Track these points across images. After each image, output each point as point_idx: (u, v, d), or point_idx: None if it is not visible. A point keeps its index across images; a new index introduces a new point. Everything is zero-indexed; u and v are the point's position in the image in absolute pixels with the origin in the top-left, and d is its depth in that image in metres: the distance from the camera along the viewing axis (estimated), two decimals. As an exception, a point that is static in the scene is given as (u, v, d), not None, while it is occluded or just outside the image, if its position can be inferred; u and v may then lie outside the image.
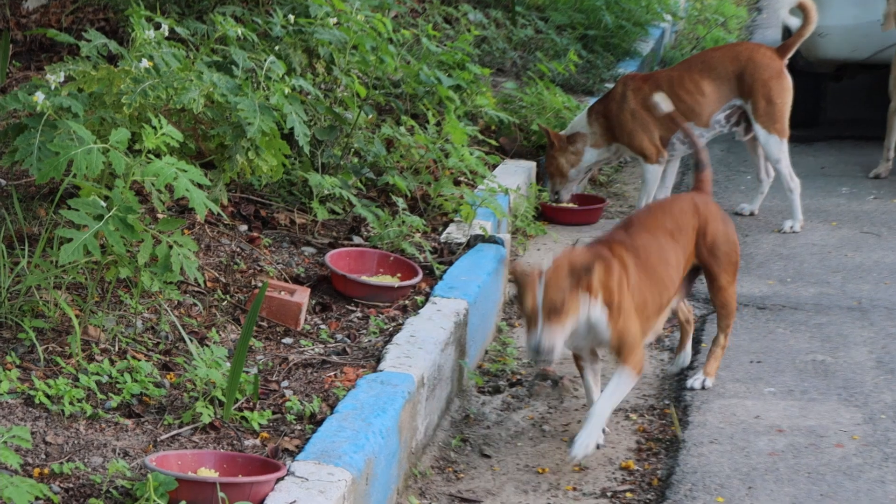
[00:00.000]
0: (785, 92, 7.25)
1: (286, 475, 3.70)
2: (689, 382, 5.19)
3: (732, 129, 7.35)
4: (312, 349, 4.74)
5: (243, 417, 4.11)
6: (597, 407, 4.50)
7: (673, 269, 4.81)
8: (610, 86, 8.69)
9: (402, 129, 6.65)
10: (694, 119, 7.13)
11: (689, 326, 5.35)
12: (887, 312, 6.09)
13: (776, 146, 7.19)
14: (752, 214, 7.64)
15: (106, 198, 4.21)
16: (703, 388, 5.15)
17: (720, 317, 5.17)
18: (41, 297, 4.37)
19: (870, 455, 4.61)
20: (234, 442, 3.97)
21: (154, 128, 4.29)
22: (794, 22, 7.44)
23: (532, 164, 7.62)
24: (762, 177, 7.57)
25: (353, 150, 6.38)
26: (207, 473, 3.62)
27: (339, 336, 4.90)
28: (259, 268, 5.27)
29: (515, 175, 7.22)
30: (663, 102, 4.17)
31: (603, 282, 4.43)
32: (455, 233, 6.05)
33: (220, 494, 3.45)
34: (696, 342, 5.75)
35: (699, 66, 7.28)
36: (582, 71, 9.86)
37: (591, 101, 8.09)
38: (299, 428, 4.13)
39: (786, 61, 7.28)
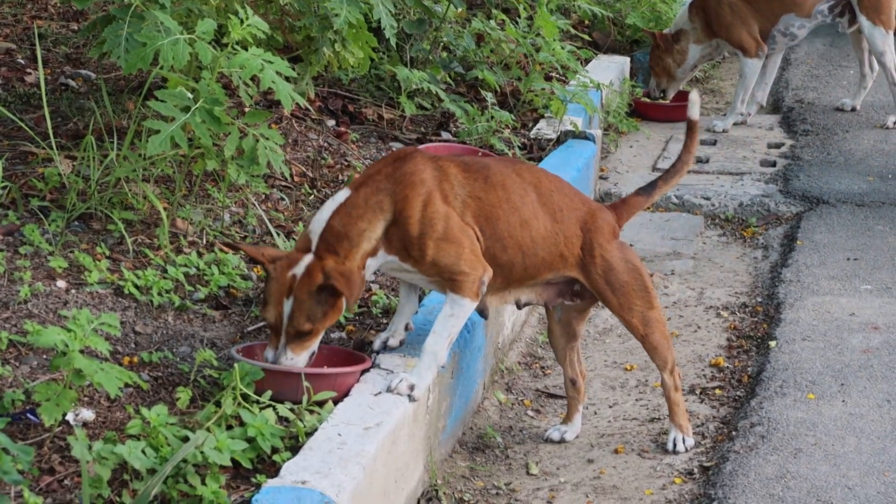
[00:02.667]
0: None
1: (371, 367, 3.69)
2: (668, 444, 4.02)
3: (836, 20, 7.13)
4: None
5: (330, 310, 4.10)
6: (428, 343, 3.64)
7: (536, 231, 3.75)
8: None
9: (493, 22, 6.55)
10: (795, 9, 6.91)
11: (577, 393, 4.10)
12: None
13: (881, 38, 6.97)
14: (853, 110, 7.44)
15: (193, 90, 4.19)
16: (679, 450, 3.99)
17: (650, 356, 3.99)
18: (130, 190, 4.38)
19: (968, 354, 4.50)
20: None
21: (241, 19, 4.25)
22: None
23: (626, 60, 7.49)
24: (865, 71, 7.36)
25: (442, 44, 6.30)
26: (293, 364, 3.62)
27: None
28: (346, 163, 5.24)
29: (608, 70, 7.09)
30: (696, 104, 3.95)
31: (399, 212, 3.57)
32: (545, 129, 5.97)
33: (305, 384, 3.46)
34: (792, 239, 5.64)
35: None
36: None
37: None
38: (385, 321, 4.12)
39: None
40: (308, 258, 3.52)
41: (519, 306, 3.91)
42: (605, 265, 3.80)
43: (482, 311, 3.81)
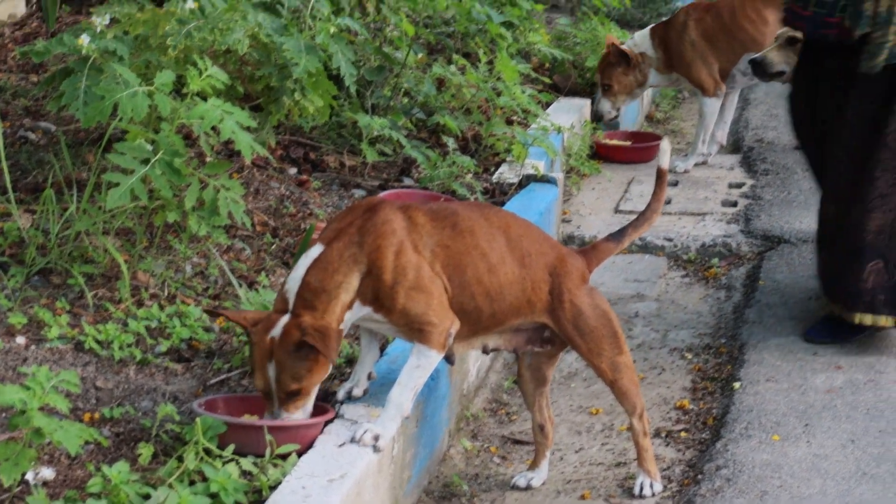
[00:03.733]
0: None
1: (335, 417, 3.67)
2: (635, 488, 4.00)
3: None
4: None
5: (293, 361, 4.08)
6: (393, 394, 3.60)
7: (505, 276, 3.73)
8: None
9: (453, 68, 6.57)
10: (756, 49, 6.95)
11: (545, 439, 4.07)
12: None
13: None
14: None
15: (153, 142, 4.18)
16: (646, 494, 3.97)
17: (620, 402, 3.97)
18: (90, 243, 4.36)
19: (930, 392, 4.52)
20: (284, 385, 3.95)
21: (199, 70, 4.26)
22: None
23: (586, 102, 7.52)
24: None
25: (402, 90, 6.32)
26: (255, 417, 3.61)
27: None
28: (309, 211, 5.23)
29: (569, 113, 7.13)
30: (666, 153, 3.97)
31: (372, 263, 3.54)
32: (507, 173, 5.98)
33: (268, 437, 3.43)
34: (754, 280, 5.67)
35: None
36: (638, 5, 9.72)
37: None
38: (349, 371, 4.11)
39: None
40: (285, 318, 3.50)
41: (486, 351, 3.90)
42: (574, 311, 3.79)
43: (448, 358, 3.80)
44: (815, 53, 4.83)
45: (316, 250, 3.57)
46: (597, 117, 7.30)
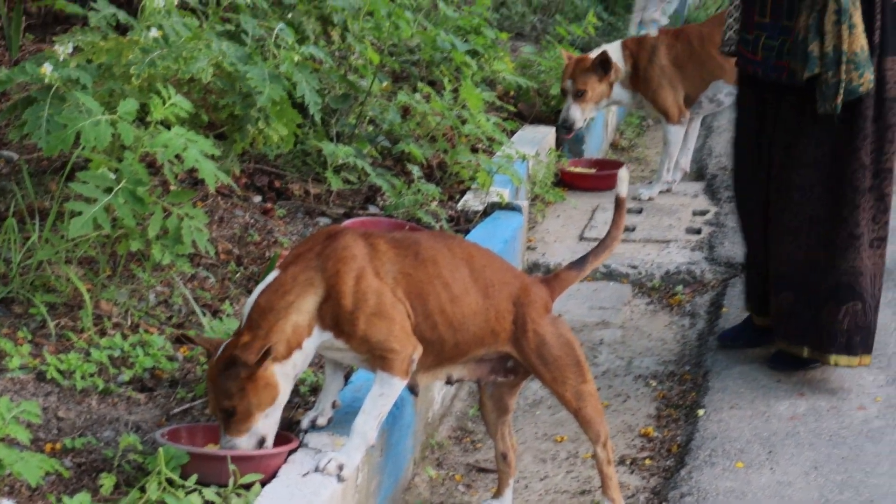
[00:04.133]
0: None
1: (299, 447, 3.66)
2: None
3: None
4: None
5: (257, 389, 4.07)
6: (357, 423, 3.59)
7: (470, 307, 3.73)
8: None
9: (418, 96, 6.59)
10: (724, 76, 6.97)
11: (507, 467, 4.04)
12: (912, 273, 6.02)
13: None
14: None
15: (116, 170, 4.17)
16: None
17: (584, 430, 3.93)
18: (52, 272, 4.34)
19: (892, 417, 4.54)
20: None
21: (163, 98, 4.25)
22: None
23: (551, 130, 7.55)
24: None
25: (367, 118, 6.32)
26: (218, 447, 3.59)
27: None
28: (273, 239, 5.23)
29: (534, 141, 7.15)
30: (624, 182, 4.01)
31: (331, 288, 3.54)
32: (472, 200, 5.99)
33: (231, 467, 3.42)
34: (718, 307, 5.69)
35: None
36: (602, 34, 9.76)
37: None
38: (313, 399, 4.10)
39: None
40: (230, 339, 3.51)
41: (450, 382, 3.90)
42: (537, 340, 3.80)
43: (412, 388, 3.79)
44: (766, 95, 4.81)
45: (272, 275, 3.58)
46: (566, 126, 7.03)
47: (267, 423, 3.55)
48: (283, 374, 3.54)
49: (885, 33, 4.55)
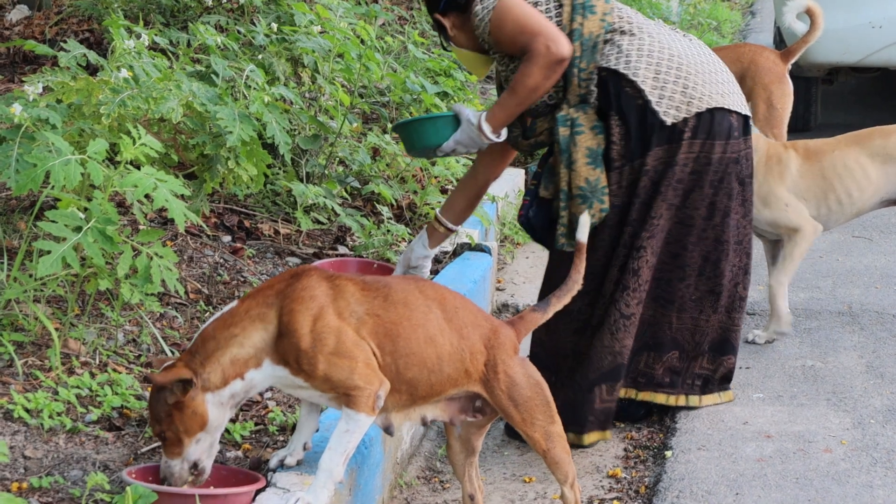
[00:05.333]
0: (786, 97, 7.16)
1: (267, 486, 3.65)
2: None
3: None
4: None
5: (225, 429, 4.07)
6: (323, 459, 3.59)
7: (441, 347, 3.75)
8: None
9: (388, 137, 6.62)
10: None
11: None
12: (877, 317, 6.06)
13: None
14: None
15: (85, 209, 4.17)
16: None
17: (552, 471, 3.97)
18: (20, 311, 4.33)
19: (858, 460, 4.57)
20: (216, 454, 3.92)
21: (133, 138, 4.26)
22: (800, 27, 7.26)
23: (520, 172, 7.58)
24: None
25: (337, 159, 6.35)
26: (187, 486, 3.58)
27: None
28: (243, 279, 5.23)
29: (503, 183, 7.18)
30: (585, 226, 4.08)
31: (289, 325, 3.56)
32: (441, 241, 6.00)
33: (199, 507, 3.41)
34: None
35: None
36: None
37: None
38: (282, 439, 4.09)
39: (789, 66, 7.21)
40: (170, 362, 3.57)
41: (425, 424, 3.91)
42: (508, 381, 3.81)
43: (387, 429, 3.79)
44: None
45: (229, 306, 3.63)
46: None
47: (199, 448, 3.56)
48: (217, 403, 3.56)
49: (628, 143, 4.62)
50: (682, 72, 4.63)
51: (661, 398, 4.93)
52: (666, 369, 4.90)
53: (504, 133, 4.69)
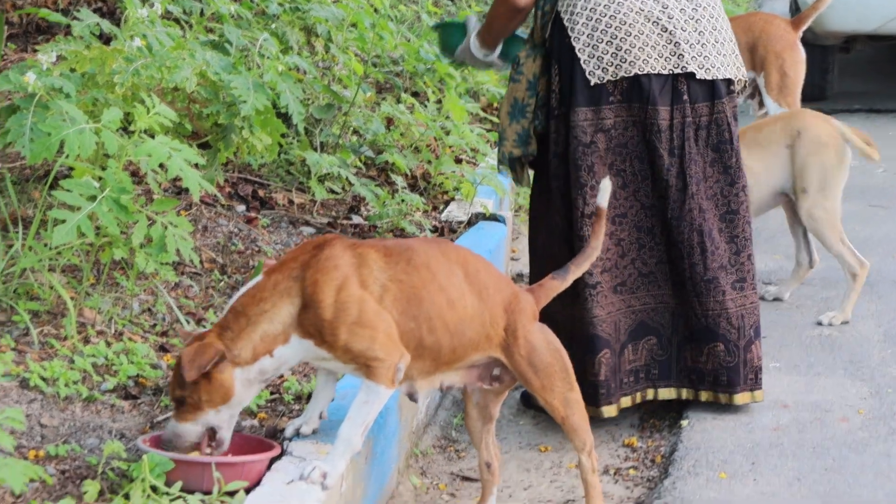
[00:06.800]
0: (798, 65, 7.11)
1: (283, 454, 3.65)
2: None
3: (746, 102, 7.24)
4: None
5: (241, 398, 4.07)
6: (342, 430, 3.58)
7: (463, 312, 3.74)
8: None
9: (402, 106, 6.60)
10: None
11: (491, 476, 4.04)
12: (894, 286, 6.04)
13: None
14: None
15: (100, 179, 4.16)
16: None
17: (570, 438, 3.97)
18: (36, 280, 4.33)
19: (875, 429, 4.56)
20: (232, 423, 3.93)
21: (147, 107, 4.25)
22: None
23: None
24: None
25: (351, 128, 6.33)
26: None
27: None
28: (257, 248, 5.22)
29: (517, 152, 7.15)
30: (606, 191, 4.00)
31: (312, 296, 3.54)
32: (456, 211, 6.00)
33: (216, 474, 3.41)
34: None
35: None
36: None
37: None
38: (297, 408, 4.09)
39: (800, 34, 7.17)
40: (201, 332, 3.58)
41: (442, 390, 3.90)
42: (528, 346, 3.80)
43: (411, 396, 3.79)
44: None
45: (255, 279, 3.60)
46: None
47: (217, 417, 3.56)
48: (244, 379, 3.55)
49: (562, 94, 4.57)
50: (620, 32, 4.50)
51: (723, 398, 4.69)
52: (715, 364, 4.66)
53: (496, 52, 4.74)
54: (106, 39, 5.76)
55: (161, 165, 4.24)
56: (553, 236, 4.65)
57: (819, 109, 6.13)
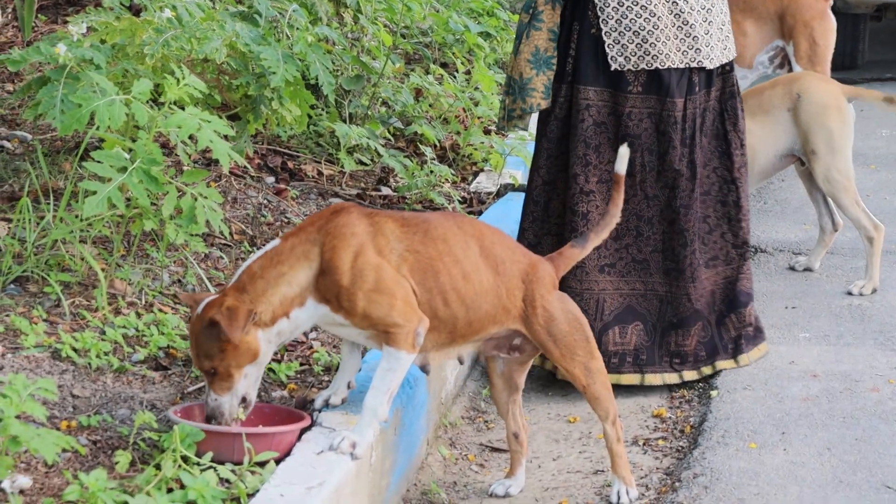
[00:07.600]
0: (828, 33, 7.05)
1: (313, 425, 3.67)
2: (612, 496, 3.99)
3: (776, 72, 7.19)
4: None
5: (270, 369, 4.09)
6: (368, 399, 3.60)
7: (479, 284, 3.75)
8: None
9: (431, 77, 6.59)
10: (737, 61, 6.95)
11: (520, 447, 4.06)
12: (925, 256, 6.01)
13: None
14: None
15: (130, 150, 4.18)
16: (623, 502, 3.95)
17: (592, 407, 3.98)
18: (67, 251, 4.35)
19: (906, 399, 4.54)
20: (262, 393, 3.95)
21: (177, 79, 4.25)
22: None
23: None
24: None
25: (380, 99, 6.33)
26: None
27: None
28: (286, 220, 5.23)
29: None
30: (624, 158, 3.99)
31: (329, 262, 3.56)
32: (485, 182, 5.99)
33: (246, 445, 3.43)
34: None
35: (741, 6, 7.11)
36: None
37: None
38: (327, 379, 4.11)
39: (830, 2, 7.12)
40: (212, 297, 3.55)
41: (461, 361, 3.91)
42: (546, 316, 3.80)
43: (423, 368, 3.80)
44: None
45: (272, 243, 3.62)
46: None
47: (247, 382, 3.57)
48: (266, 340, 3.57)
49: (578, 63, 4.57)
50: (648, 24, 4.53)
51: (706, 369, 4.78)
52: (695, 343, 4.76)
53: None
54: (136, 11, 5.78)
55: (191, 137, 4.25)
56: (532, 188, 4.73)
57: (850, 78, 6.08)
